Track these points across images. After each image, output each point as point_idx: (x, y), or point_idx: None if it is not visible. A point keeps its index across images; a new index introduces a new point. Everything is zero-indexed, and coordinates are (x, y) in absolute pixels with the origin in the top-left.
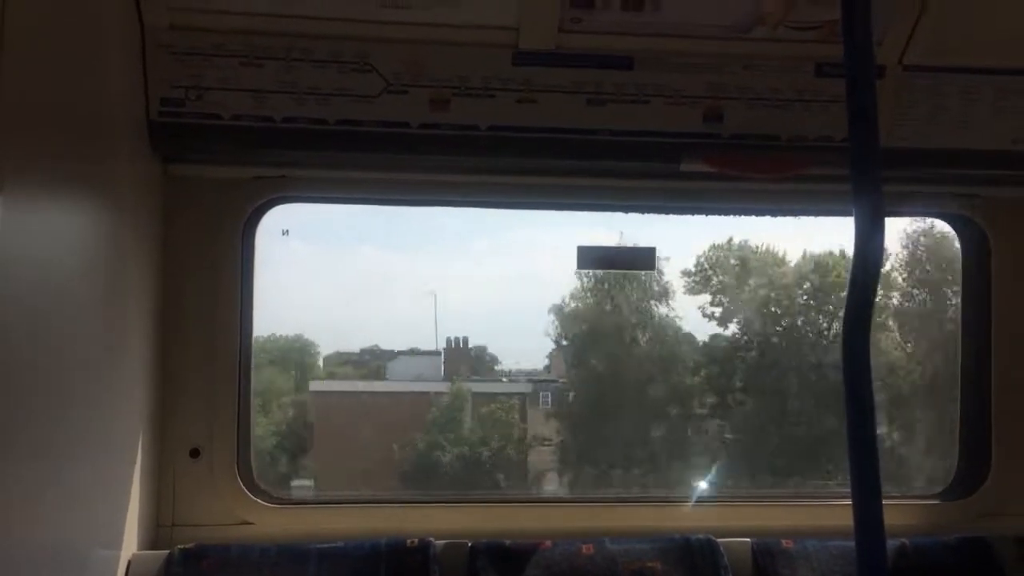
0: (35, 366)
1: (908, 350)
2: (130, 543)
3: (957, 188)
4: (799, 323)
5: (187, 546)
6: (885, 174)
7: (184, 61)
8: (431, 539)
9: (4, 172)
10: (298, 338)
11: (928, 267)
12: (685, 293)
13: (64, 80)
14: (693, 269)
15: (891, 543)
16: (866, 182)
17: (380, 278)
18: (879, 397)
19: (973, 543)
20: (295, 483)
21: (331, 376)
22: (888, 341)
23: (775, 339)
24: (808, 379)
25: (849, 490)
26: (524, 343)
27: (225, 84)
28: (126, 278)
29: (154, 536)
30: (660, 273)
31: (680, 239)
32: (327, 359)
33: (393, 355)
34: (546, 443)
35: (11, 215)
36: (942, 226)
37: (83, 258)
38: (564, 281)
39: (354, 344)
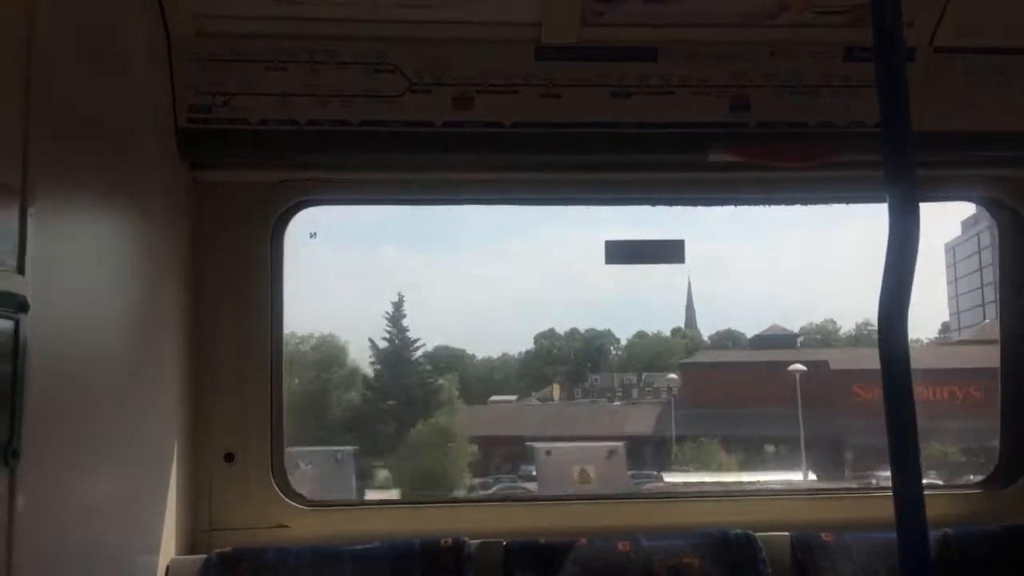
0: (72, 376)
1: None
2: (169, 548)
3: (991, 171)
4: None
5: (224, 550)
6: (917, 158)
7: (210, 68)
8: (465, 539)
9: (35, 186)
10: None
11: None
12: None
13: (92, 91)
14: None
15: (933, 534)
16: (899, 167)
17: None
18: None
19: (1016, 532)
20: None
21: None
22: None
23: None
24: None
25: (889, 482)
26: None
27: (251, 89)
28: (158, 284)
29: (192, 541)
30: None
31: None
32: None
33: None
34: None
35: (44, 227)
36: None
37: (115, 266)
38: None
39: None
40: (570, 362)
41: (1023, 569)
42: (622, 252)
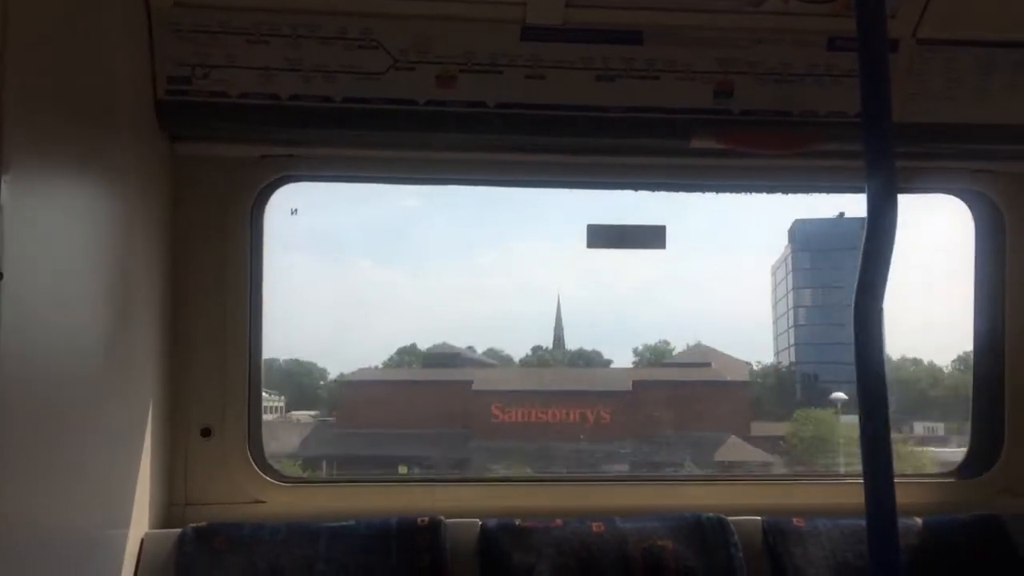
0: (45, 349)
1: None
2: (143, 522)
3: (971, 163)
4: None
5: (199, 524)
6: (898, 149)
7: (190, 39)
8: (441, 518)
9: (10, 154)
10: None
11: None
12: None
13: (69, 60)
14: None
15: (903, 521)
16: (878, 158)
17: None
18: None
19: (986, 521)
20: None
21: None
22: None
23: None
24: None
25: (861, 469)
26: None
27: (231, 62)
28: (135, 257)
29: (167, 515)
30: None
31: None
32: None
33: None
34: None
35: (18, 197)
36: None
37: (91, 238)
38: None
39: None
40: None
41: (994, 557)
42: (604, 236)
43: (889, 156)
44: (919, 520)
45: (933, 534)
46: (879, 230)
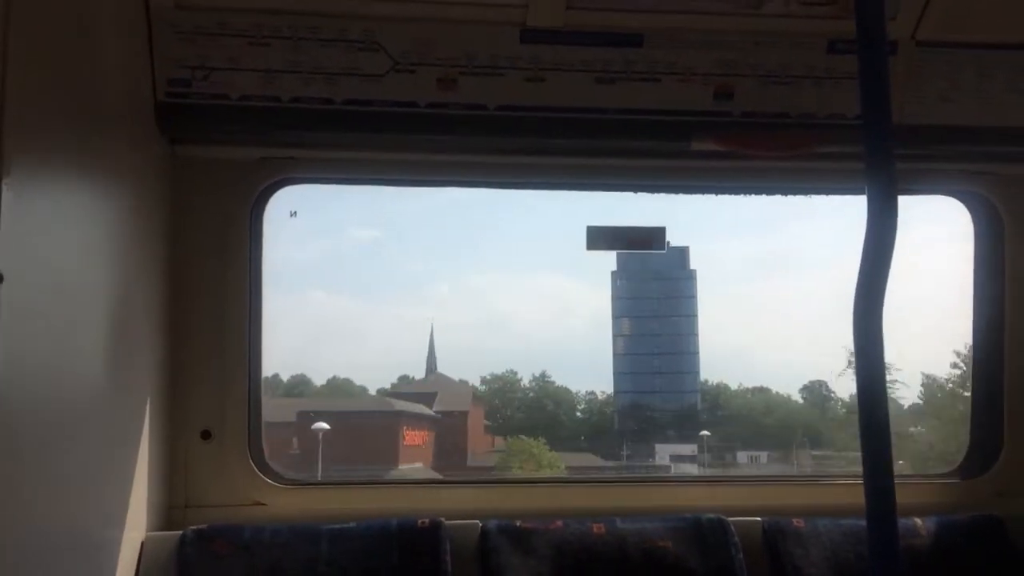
0: (45, 351)
1: None
2: (144, 525)
3: (971, 166)
4: None
5: (200, 527)
6: (898, 152)
7: (190, 41)
8: (442, 519)
9: (10, 157)
10: None
11: None
12: None
13: (69, 62)
14: None
15: (903, 522)
16: (878, 160)
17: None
18: None
19: (986, 521)
20: None
21: None
22: None
23: None
24: None
25: (860, 469)
26: None
27: (232, 64)
28: (135, 260)
29: (167, 517)
30: None
31: None
32: None
33: None
34: None
35: (18, 200)
36: None
37: (91, 241)
38: None
39: None
40: None
41: (993, 558)
42: (604, 237)
43: (889, 158)
44: (919, 520)
45: (933, 534)
46: (879, 232)
